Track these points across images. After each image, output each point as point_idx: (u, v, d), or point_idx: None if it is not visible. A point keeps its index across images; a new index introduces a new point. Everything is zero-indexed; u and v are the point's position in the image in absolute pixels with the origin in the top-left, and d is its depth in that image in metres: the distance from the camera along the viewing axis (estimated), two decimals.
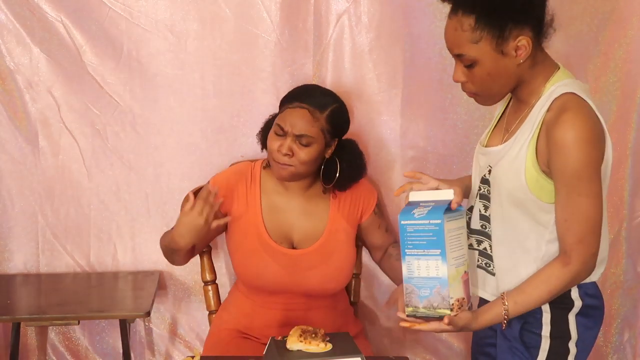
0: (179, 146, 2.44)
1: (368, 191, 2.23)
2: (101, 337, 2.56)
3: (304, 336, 1.71)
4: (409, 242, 1.67)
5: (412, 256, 1.67)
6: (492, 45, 1.59)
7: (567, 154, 1.57)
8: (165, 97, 2.41)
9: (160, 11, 2.35)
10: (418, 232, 1.65)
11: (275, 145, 2.03)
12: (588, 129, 1.58)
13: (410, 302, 1.68)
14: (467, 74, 1.65)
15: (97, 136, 2.43)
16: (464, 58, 1.63)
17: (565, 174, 1.59)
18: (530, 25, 1.61)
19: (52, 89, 2.40)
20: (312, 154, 2.04)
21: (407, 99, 2.40)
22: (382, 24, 2.36)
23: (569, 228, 1.61)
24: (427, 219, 1.64)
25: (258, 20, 2.35)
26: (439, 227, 1.62)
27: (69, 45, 2.36)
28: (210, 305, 2.32)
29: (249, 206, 2.13)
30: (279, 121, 2.04)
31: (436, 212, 1.64)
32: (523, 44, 1.60)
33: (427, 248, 1.64)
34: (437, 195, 1.71)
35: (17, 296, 2.39)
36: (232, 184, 2.15)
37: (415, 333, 2.56)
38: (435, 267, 1.64)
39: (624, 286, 2.55)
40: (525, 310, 1.67)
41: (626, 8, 2.35)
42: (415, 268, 1.66)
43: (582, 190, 1.59)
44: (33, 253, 2.49)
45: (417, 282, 1.66)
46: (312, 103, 2.04)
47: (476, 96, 1.71)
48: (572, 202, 1.60)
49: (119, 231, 2.49)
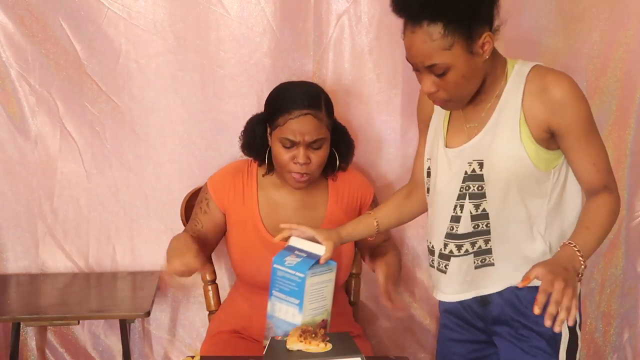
0: (178, 147, 2.44)
1: (365, 185, 2.25)
2: (101, 337, 2.56)
3: (304, 336, 1.71)
4: (277, 284, 1.79)
5: (276, 298, 1.79)
6: (464, 47, 1.60)
7: (574, 106, 1.64)
8: (164, 97, 2.41)
9: (159, 12, 2.35)
10: (285, 279, 1.77)
11: (287, 158, 2.03)
12: (576, 85, 1.67)
13: (267, 336, 1.81)
14: (438, 83, 1.65)
15: (96, 137, 2.43)
16: (436, 67, 1.62)
17: (580, 124, 1.65)
18: (487, 21, 1.64)
19: (50, 90, 2.39)
20: (325, 153, 2.07)
21: (407, 99, 2.40)
22: (382, 24, 2.35)
23: (599, 169, 1.69)
24: (293, 270, 1.75)
25: (258, 20, 2.35)
26: (302, 280, 1.74)
27: (68, 46, 2.36)
28: (210, 306, 2.32)
29: (246, 202, 2.14)
30: (286, 135, 2.01)
31: (303, 265, 1.75)
32: (487, 40, 1.62)
33: (289, 295, 1.76)
34: (313, 248, 1.80)
35: (16, 296, 2.38)
36: (228, 182, 2.16)
37: (416, 333, 2.56)
38: (292, 314, 1.76)
39: (624, 286, 2.55)
40: (595, 246, 1.66)
41: (626, 8, 2.35)
42: (277, 309, 1.79)
43: (595, 133, 1.69)
44: (32, 253, 2.49)
45: (276, 321, 1.79)
46: (310, 105, 2.03)
47: (448, 102, 1.71)
48: (593, 146, 1.68)
49: (118, 232, 2.49)
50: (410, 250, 2.52)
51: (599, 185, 1.70)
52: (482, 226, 1.75)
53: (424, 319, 2.55)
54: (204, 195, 2.19)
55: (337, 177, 2.20)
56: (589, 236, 1.65)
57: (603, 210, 1.68)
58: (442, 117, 1.84)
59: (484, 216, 1.74)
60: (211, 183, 2.18)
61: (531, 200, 1.72)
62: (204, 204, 2.17)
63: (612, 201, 1.69)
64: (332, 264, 1.82)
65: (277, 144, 2.04)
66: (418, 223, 2.47)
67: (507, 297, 1.78)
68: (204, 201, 2.18)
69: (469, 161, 1.73)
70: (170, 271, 1.92)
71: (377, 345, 2.53)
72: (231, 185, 2.16)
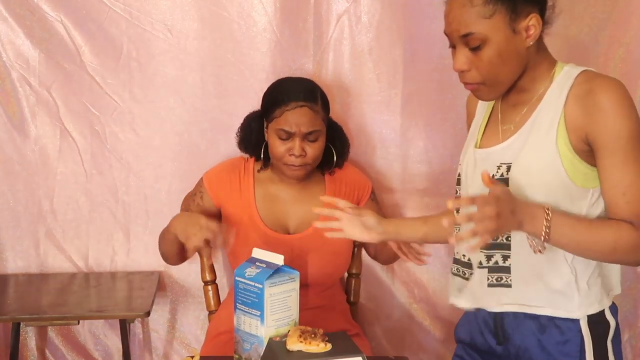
0: (178, 147, 2.44)
1: (362, 180, 2.27)
2: (101, 337, 2.56)
3: (304, 336, 1.70)
4: (239, 297, 1.78)
5: (240, 311, 1.78)
6: (506, 20, 1.48)
7: (616, 115, 1.45)
8: (164, 97, 2.41)
9: (160, 11, 2.35)
10: (246, 291, 1.76)
11: (284, 149, 2.05)
12: (628, 95, 1.49)
13: (237, 351, 1.81)
14: (472, 60, 1.52)
15: (96, 137, 2.43)
16: (472, 37, 1.49)
17: (618, 138, 1.45)
18: (537, 7, 1.52)
19: (51, 89, 2.39)
20: (321, 146, 2.09)
21: (407, 99, 2.40)
22: (382, 24, 2.36)
23: (628, 200, 1.46)
24: (253, 281, 1.74)
25: (258, 20, 2.35)
26: (261, 291, 1.72)
27: (69, 46, 2.36)
28: (210, 306, 2.31)
29: (243, 196, 2.15)
30: (282, 126, 2.04)
31: (262, 276, 1.74)
32: (534, 23, 1.50)
33: (251, 307, 1.75)
34: (272, 258, 1.79)
35: (16, 296, 2.38)
36: (225, 177, 2.18)
37: (415, 334, 2.56)
38: (255, 325, 1.75)
39: (624, 286, 2.51)
40: (567, 240, 1.46)
41: (626, 8, 2.35)
42: (242, 322, 1.78)
43: (636, 155, 1.46)
44: (32, 253, 2.49)
45: (242, 335, 1.79)
46: (306, 97, 2.06)
47: (481, 86, 1.56)
48: (629, 170, 1.46)
49: (118, 232, 2.49)
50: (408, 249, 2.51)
51: (623, 217, 1.48)
52: (501, 238, 1.58)
53: (424, 319, 2.54)
54: (198, 189, 2.20)
55: (335, 173, 2.22)
56: (572, 225, 1.47)
57: (610, 232, 1.46)
58: (480, 118, 1.72)
59: None
60: (207, 177, 2.20)
61: None
62: (197, 197, 2.19)
63: (631, 235, 1.45)
64: (294, 273, 1.79)
65: (273, 136, 2.07)
66: None
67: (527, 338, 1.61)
68: (198, 194, 2.19)
69: (497, 164, 1.58)
70: (194, 246, 1.87)
71: (376, 346, 2.53)
72: (227, 180, 2.17)
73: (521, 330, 1.62)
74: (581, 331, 1.57)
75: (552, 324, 1.59)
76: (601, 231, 1.48)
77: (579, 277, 1.56)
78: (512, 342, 1.64)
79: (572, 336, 1.58)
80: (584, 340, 1.57)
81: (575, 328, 1.57)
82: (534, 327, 1.60)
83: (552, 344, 1.59)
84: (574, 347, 1.58)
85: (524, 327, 1.61)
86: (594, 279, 1.59)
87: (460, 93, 2.38)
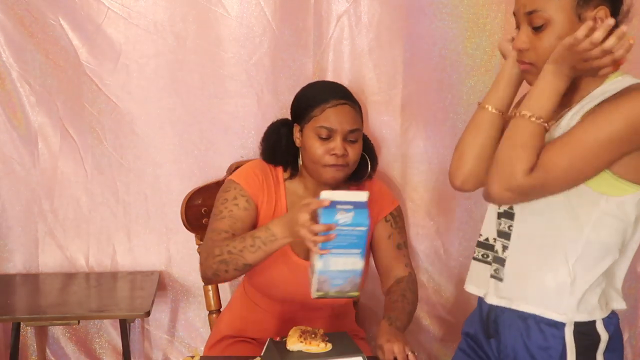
0: (177, 147, 2.43)
1: (386, 198, 2.12)
2: (101, 337, 2.56)
3: (304, 336, 1.71)
4: (332, 243, 1.67)
5: (332, 255, 1.69)
6: (573, 3, 1.46)
7: (617, 111, 1.42)
8: (164, 98, 2.40)
9: (159, 12, 2.35)
10: (343, 236, 1.67)
11: (323, 150, 1.93)
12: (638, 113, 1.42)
13: (321, 289, 1.73)
14: (532, 39, 1.50)
15: (96, 137, 2.42)
16: (536, 15, 1.48)
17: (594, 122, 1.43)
18: (609, 3, 1.48)
19: (51, 90, 2.39)
20: (360, 149, 2.00)
21: (407, 99, 2.40)
22: (382, 24, 2.35)
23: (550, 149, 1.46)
24: (351, 226, 1.66)
25: (258, 20, 2.35)
26: (363, 233, 1.67)
27: (67, 46, 2.36)
28: (210, 306, 2.31)
29: (277, 210, 2.00)
30: (323, 123, 1.93)
31: (360, 218, 1.66)
32: (601, 15, 1.45)
33: (348, 248, 1.68)
34: (353, 196, 1.68)
35: (17, 296, 2.39)
36: (260, 179, 2.00)
37: (415, 334, 2.56)
38: (352, 262, 1.69)
39: (624, 286, 2.52)
40: None
41: None
42: (332, 263, 1.69)
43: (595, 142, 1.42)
44: (32, 253, 2.49)
45: (332, 274, 1.70)
46: (346, 96, 1.99)
47: (531, 68, 1.54)
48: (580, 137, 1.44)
49: (118, 232, 2.49)
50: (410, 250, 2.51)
51: (540, 158, 1.46)
52: (504, 225, 1.59)
53: (424, 319, 2.54)
54: (234, 193, 1.97)
55: (363, 185, 2.07)
56: None
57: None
58: None
59: (511, 215, 1.57)
60: (240, 178, 2.00)
61: (570, 224, 1.51)
62: (241, 202, 1.95)
63: (524, 170, 1.45)
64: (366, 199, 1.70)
65: (311, 137, 1.95)
66: (418, 224, 2.48)
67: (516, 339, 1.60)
68: (239, 198, 1.95)
69: None
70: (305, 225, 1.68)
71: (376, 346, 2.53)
72: (263, 183, 2.00)
73: (511, 330, 1.61)
74: (564, 339, 1.54)
75: (537, 328, 1.57)
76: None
77: (577, 281, 1.53)
78: (503, 340, 1.63)
79: (554, 343, 1.55)
80: (566, 349, 1.54)
81: (559, 335, 1.54)
82: (521, 327, 1.59)
83: (535, 347, 1.57)
84: (555, 354, 1.55)
85: (514, 327, 1.60)
86: (593, 288, 1.55)
87: (460, 93, 2.40)
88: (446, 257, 2.50)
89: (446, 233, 2.49)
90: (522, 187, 1.45)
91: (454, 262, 2.51)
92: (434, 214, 2.48)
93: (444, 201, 2.45)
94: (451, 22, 2.35)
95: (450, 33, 2.35)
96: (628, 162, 1.46)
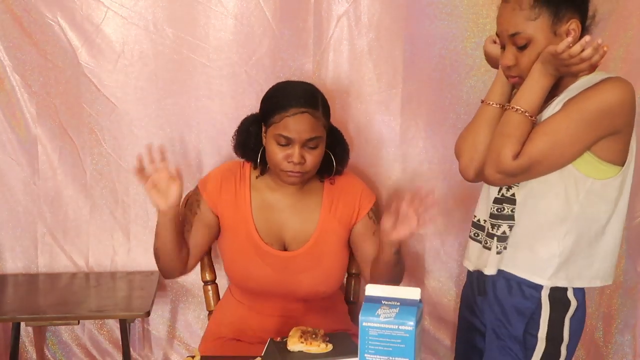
0: (177, 148, 2.43)
1: (363, 194, 2.14)
2: (101, 337, 2.56)
3: (305, 337, 1.71)
4: (371, 346, 1.48)
5: None
6: (549, 23, 1.67)
7: (601, 90, 1.65)
8: (163, 98, 2.40)
9: (159, 12, 2.35)
10: (383, 337, 1.47)
11: (282, 156, 1.97)
12: (626, 92, 1.66)
13: None
14: (518, 57, 1.72)
15: (96, 137, 2.42)
16: (518, 37, 1.69)
17: (576, 103, 1.66)
18: (578, 14, 1.70)
19: (48, 91, 2.39)
20: (320, 153, 2.02)
21: (407, 99, 2.40)
22: (382, 24, 2.36)
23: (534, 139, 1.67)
24: (395, 324, 1.45)
25: (258, 20, 2.35)
26: (410, 334, 1.44)
27: (66, 47, 2.36)
28: (210, 305, 2.31)
29: (239, 205, 2.09)
30: (281, 132, 1.96)
31: (406, 315, 1.45)
32: (574, 27, 1.68)
33: (394, 356, 1.47)
34: (402, 293, 1.50)
35: (16, 296, 2.39)
36: (220, 185, 2.10)
37: None
38: None
39: (624, 286, 2.55)
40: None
41: (626, 8, 2.35)
42: None
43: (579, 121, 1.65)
44: (32, 254, 2.49)
45: None
46: (307, 103, 1.99)
47: (519, 79, 1.75)
48: (562, 120, 1.66)
49: (118, 232, 2.49)
50: (408, 249, 2.52)
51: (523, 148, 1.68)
52: (507, 209, 1.77)
53: (424, 319, 2.54)
54: (195, 197, 2.13)
55: (335, 182, 2.13)
56: None
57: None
58: None
59: (513, 201, 1.76)
60: (202, 184, 2.12)
61: (561, 197, 1.72)
62: (195, 206, 2.11)
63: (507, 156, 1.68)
64: (421, 305, 1.51)
65: (271, 142, 1.99)
66: None
67: (500, 290, 1.81)
68: (195, 204, 2.12)
69: None
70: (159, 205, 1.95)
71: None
72: (223, 187, 2.10)
73: (495, 288, 1.81)
74: (541, 299, 1.75)
75: (519, 288, 1.78)
76: None
77: (564, 252, 1.73)
78: (488, 296, 1.83)
79: (532, 304, 1.76)
80: (542, 307, 1.75)
81: (537, 295, 1.75)
82: (504, 286, 1.80)
83: (512, 304, 1.78)
84: (529, 308, 1.76)
85: (498, 286, 1.81)
86: (574, 258, 1.74)
87: (460, 93, 2.40)
88: (446, 257, 2.50)
89: (446, 233, 2.49)
90: (509, 170, 1.68)
91: (454, 262, 2.51)
92: (433, 214, 2.48)
93: (444, 201, 2.45)
94: (451, 22, 2.35)
95: (450, 33, 2.36)
96: (607, 145, 1.67)
